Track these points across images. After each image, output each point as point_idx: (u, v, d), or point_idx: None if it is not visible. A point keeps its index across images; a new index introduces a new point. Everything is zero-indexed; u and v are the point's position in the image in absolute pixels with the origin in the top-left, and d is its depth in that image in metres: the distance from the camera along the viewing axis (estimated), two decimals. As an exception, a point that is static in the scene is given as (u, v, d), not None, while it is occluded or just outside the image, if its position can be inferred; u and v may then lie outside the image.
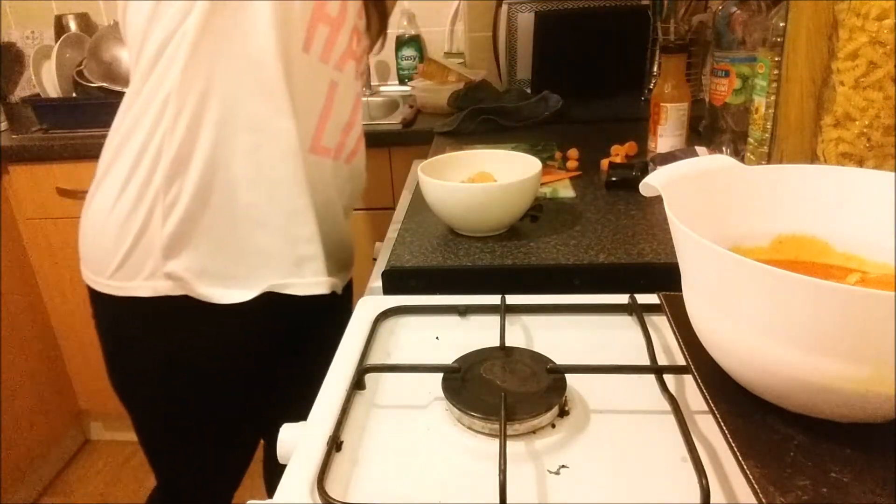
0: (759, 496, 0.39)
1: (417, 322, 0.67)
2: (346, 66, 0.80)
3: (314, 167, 0.80)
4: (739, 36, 1.02)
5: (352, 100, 0.84)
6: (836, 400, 0.41)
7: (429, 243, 0.81)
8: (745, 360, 0.45)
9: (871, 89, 0.64)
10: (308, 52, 0.75)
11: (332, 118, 0.80)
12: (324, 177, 0.83)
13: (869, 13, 0.62)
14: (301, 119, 0.76)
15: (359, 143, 0.88)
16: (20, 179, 1.69)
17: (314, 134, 0.79)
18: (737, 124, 1.02)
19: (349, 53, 0.80)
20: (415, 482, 0.46)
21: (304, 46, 0.74)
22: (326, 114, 0.79)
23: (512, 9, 1.65)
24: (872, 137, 0.65)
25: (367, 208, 1.62)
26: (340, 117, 0.82)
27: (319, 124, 0.79)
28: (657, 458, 0.47)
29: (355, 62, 0.81)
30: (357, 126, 0.86)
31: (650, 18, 1.51)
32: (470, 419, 0.50)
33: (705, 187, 0.54)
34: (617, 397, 0.53)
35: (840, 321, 0.37)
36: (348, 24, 0.78)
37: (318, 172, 0.81)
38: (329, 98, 0.79)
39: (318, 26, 0.74)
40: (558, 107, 1.45)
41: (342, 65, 0.79)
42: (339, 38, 0.77)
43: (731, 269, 0.42)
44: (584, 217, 0.87)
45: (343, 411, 0.51)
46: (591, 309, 0.67)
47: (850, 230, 0.53)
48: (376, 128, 1.59)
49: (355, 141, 0.87)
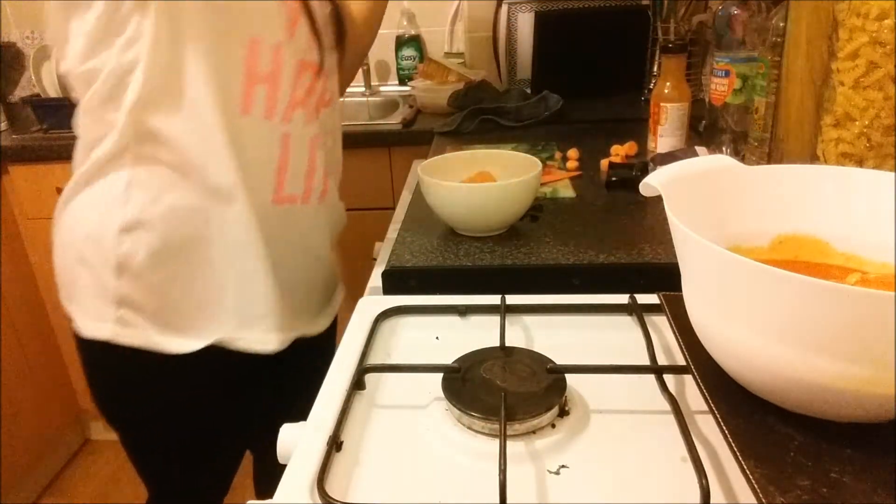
0: (759, 496, 0.39)
1: (417, 322, 0.67)
2: (294, 115, 0.78)
3: (283, 217, 0.79)
4: (739, 36, 1.02)
5: (307, 146, 0.81)
6: (836, 400, 0.41)
7: (429, 243, 0.81)
8: (744, 360, 0.45)
9: (871, 89, 0.64)
10: (249, 114, 0.74)
11: (290, 168, 0.79)
12: (298, 224, 0.82)
13: (869, 13, 0.62)
14: (256, 177, 0.75)
15: (326, 183, 0.86)
16: (20, 179, 1.69)
17: (274, 187, 0.78)
18: (737, 124, 1.02)
19: (294, 103, 0.78)
20: (415, 482, 0.46)
21: (243, 110, 0.73)
22: (283, 166, 0.78)
23: (512, 9, 1.65)
24: (872, 137, 0.65)
25: (367, 208, 1.62)
26: (299, 164, 0.80)
27: (278, 178, 0.78)
28: (657, 458, 0.47)
29: (304, 109, 0.79)
30: (319, 169, 0.84)
31: (650, 18, 1.51)
32: (470, 419, 0.50)
33: (705, 187, 0.54)
34: (617, 397, 0.53)
35: (840, 321, 0.37)
36: (286, 74, 0.76)
37: (289, 220, 0.80)
38: (283, 150, 0.78)
39: (254, 87, 0.73)
40: (558, 107, 1.45)
41: (289, 116, 0.78)
42: (279, 92, 0.76)
43: (731, 269, 0.42)
44: (584, 217, 0.87)
45: (343, 411, 0.51)
46: (590, 309, 0.66)
47: (850, 230, 0.53)
48: (376, 128, 1.59)
49: (321, 182, 0.85)
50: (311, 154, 0.82)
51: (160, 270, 0.74)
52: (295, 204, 0.81)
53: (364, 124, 1.64)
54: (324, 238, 0.88)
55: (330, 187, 0.88)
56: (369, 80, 1.95)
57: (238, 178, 0.73)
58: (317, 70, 0.81)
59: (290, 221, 0.81)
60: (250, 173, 0.75)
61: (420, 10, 1.93)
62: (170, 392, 0.82)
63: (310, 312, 0.89)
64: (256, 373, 0.85)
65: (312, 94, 0.81)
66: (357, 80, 1.93)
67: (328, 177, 0.86)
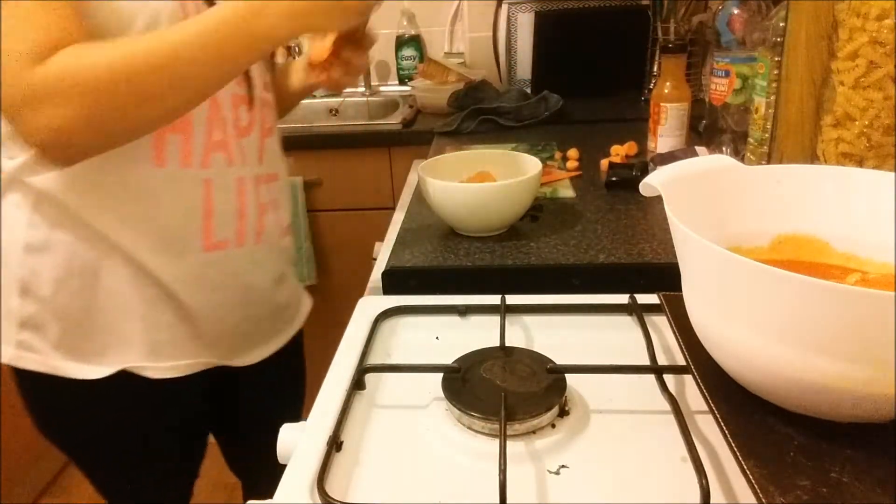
0: (759, 496, 0.39)
1: (417, 322, 0.67)
2: (212, 159, 0.74)
3: (212, 264, 0.77)
4: (739, 36, 1.02)
5: (234, 187, 0.77)
6: (836, 400, 0.41)
7: (429, 243, 0.81)
8: (745, 360, 0.45)
9: (871, 89, 0.64)
10: (164, 166, 0.71)
11: (216, 214, 0.76)
12: (231, 266, 0.79)
13: (869, 13, 0.62)
14: (179, 227, 0.73)
15: (261, 222, 0.81)
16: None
17: (202, 235, 0.75)
18: (737, 124, 1.02)
19: (212, 147, 0.74)
20: (415, 482, 0.46)
21: (155, 162, 0.71)
22: (208, 212, 0.75)
23: (512, 9, 1.65)
24: (872, 137, 0.65)
25: (367, 208, 1.62)
26: (227, 207, 0.77)
27: (204, 224, 0.75)
28: (657, 458, 0.47)
29: (223, 152, 0.75)
30: (251, 210, 0.79)
31: (650, 18, 1.51)
32: (470, 419, 0.50)
33: (705, 187, 0.54)
34: (617, 397, 0.53)
35: (840, 321, 0.37)
36: (199, 122, 0.72)
37: (221, 265, 0.78)
38: (206, 196, 0.74)
39: (165, 137, 0.70)
40: (558, 107, 1.45)
41: (207, 161, 0.74)
42: (193, 140, 0.72)
43: (731, 269, 0.42)
44: (584, 217, 0.87)
45: (343, 411, 0.51)
46: (590, 309, 0.66)
47: (850, 230, 0.53)
48: (376, 128, 1.59)
49: (256, 222, 0.80)
50: (239, 195, 0.78)
51: (63, 295, 0.72)
52: (227, 249, 0.77)
53: (364, 124, 1.64)
54: (265, 276, 0.84)
55: (267, 226, 0.82)
56: (369, 81, 1.94)
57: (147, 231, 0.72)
58: (248, 102, 0.78)
59: (221, 266, 0.78)
60: (172, 223, 0.73)
61: (420, 10, 1.93)
62: (93, 415, 0.79)
63: (244, 345, 0.86)
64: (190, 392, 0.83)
65: (252, 126, 0.78)
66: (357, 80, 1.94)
67: (265, 215, 0.82)
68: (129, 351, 0.75)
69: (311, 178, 1.58)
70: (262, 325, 0.88)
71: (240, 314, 0.83)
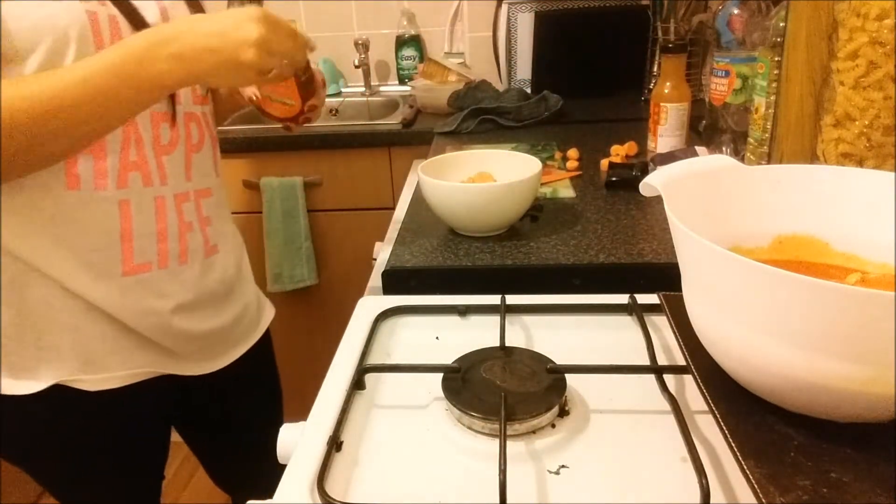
0: (759, 496, 0.39)
1: (417, 322, 0.67)
2: (129, 178, 0.73)
3: (140, 286, 0.76)
4: (739, 36, 1.02)
5: (151, 208, 0.75)
6: (836, 400, 0.41)
7: (429, 243, 0.81)
8: (745, 360, 0.45)
9: (871, 89, 0.64)
10: (77, 188, 0.70)
11: (136, 236, 0.74)
12: (161, 290, 0.78)
13: (869, 13, 0.62)
14: (97, 250, 0.72)
15: (183, 243, 0.79)
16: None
17: (121, 258, 0.74)
18: (737, 124, 1.02)
19: (128, 167, 0.73)
20: (415, 482, 0.46)
21: (67, 185, 0.69)
22: (127, 234, 0.74)
23: (512, 9, 1.65)
24: (872, 137, 0.65)
25: (367, 208, 1.62)
26: (147, 229, 0.75)
27: (124, 247, 0.74)
28: (657, 458, 0.47)
29: (139, 171, 0.74)
30: (172, 231, 0.78)
31: (650, 18, 1.51)
32: (470, 419, 0.50)
33: (705, 187, 0.54)
34: (617, 397, 0.53)
35: (840, 321, 0.37)
36: (112, 143, 0.71)
37: (150, 287, 0.77)
38: (124, 218, 0.73)
39: (77, 160, 0.69)
40: (558, 107, 1.45)
41: (123, 181, 0.72)
42: (106, 162, 0.71)
43: (731, 269, 0.42)
44: (584, 217, 0.87)
45: (343, 411, 0.51)
46: (591, 309, 0.67)
47: (850, 230, 0.53)
48: (376, 128, 1.59)
49: (177, 243, 0.78)
50: (159, 216, 0.76)
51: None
52: (150, 271, 0.76)
53: (364, 124, 1.64)
54: (199, 295, 0.82)
55: (191, 245, 0.80)
56: (369, 80, 1.94)
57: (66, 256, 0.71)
58: (170, 119, 0.76)
59: (147, 288, 0.76)
60: (88, 248, 0.72)
61: (420, 10, 1.93)
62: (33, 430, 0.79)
63: (195, 356, 0.85)
64: (138, 401, 0.82)
65: (175, 143, 0.77)
66: (357, 81, 1.94)
67: (188, 234, 0.79)
68: (61, 365, 0.74)
69: (311, 178, 1.58)
70: (211, 340, 0.86)
71: (177, 331, 0.81)
